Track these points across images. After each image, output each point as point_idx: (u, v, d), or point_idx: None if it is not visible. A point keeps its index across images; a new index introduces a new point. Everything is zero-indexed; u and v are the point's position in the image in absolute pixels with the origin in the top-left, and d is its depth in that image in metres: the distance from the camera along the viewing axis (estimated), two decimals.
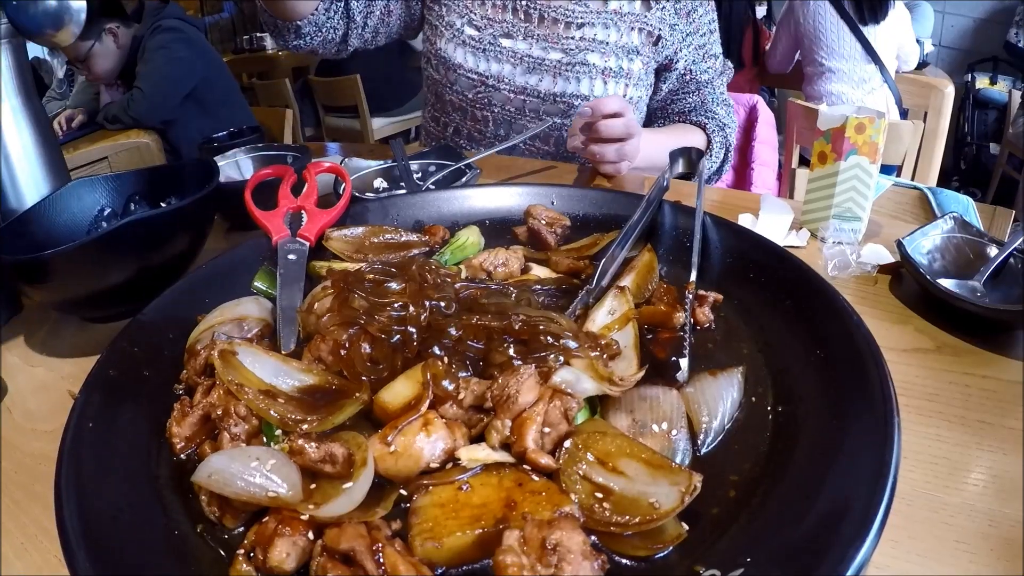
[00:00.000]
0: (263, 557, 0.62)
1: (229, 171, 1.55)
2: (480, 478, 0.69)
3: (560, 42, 1.82)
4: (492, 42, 1.84)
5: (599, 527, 0.65)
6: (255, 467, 0.67)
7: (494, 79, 1.87)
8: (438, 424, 0.72)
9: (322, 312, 0.89)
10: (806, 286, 0.92)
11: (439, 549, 0.62)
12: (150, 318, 0.94)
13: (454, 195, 1.29)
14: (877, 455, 0.64)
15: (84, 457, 0.71)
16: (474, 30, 1.85)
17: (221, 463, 0.68)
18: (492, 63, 1.86)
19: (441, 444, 0.71)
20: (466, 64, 1.87)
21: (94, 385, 0.81)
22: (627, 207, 1.17)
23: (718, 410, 0.78)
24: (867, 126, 1.24)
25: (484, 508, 0.65)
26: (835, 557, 0.55)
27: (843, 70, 3.97)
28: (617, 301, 0.94)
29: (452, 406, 0.75)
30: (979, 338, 1.02)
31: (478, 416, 0.76)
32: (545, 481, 0.69)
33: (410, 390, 0.76)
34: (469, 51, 1.86)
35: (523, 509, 0.64)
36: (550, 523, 0.60)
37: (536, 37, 1.83)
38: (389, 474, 0.70)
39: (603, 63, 1.83)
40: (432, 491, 0.68)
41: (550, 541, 0.58)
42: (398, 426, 0.71)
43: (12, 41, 1.32)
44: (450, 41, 1.87)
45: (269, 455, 0.69)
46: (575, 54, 1.82)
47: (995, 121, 5.80)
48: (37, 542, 0.77)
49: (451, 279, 0.96)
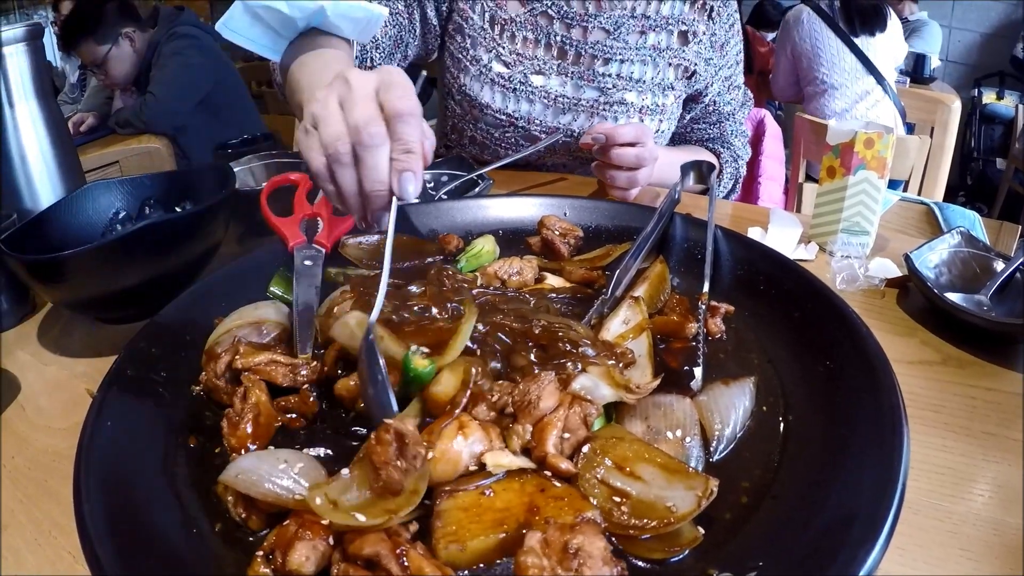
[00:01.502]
0: (282, 560, 0.62)
1: (243, 177, 1.55)
2: (502, 483, 0.70)
3: (596, 80, 1.72)
4: (523, 80, 1.71)
5: (617, 530, 0.66)
6: (283, 469, 0.68)
7: (524, 120, 1.75)
8: (474, 427, 0.72)
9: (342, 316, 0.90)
10: (816, 298, 0.94)
11: (463, 552, 0.63)
12: (168, 320, 0.95)
13: (468, 205, 1.30)
14: (885, 464, 0.65)
15: (103, 455, 0.72)
16: (503, 67, 1.71)
17: (250, 464, 0.69)
18: (523, 103, 1.74)
19: (479, 447, 0.72)
20: (494, 104, 1.74)
21: (112, 384, 0.81)
22: (639, 219, 1.19)
23: (730, 418, 0.80)
24: (876, 141, 1.25)
25: (507, 512, 0.66)
26: (844, 562, 0.57)
27: (844, 84, 3.95)
28: (631, 311, 0.95)
29: (484, 408, 0.75)
30: (984, 351, 1.03)
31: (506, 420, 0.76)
32: (566, 487, 0.70)
33: (457, 378, 0.77)
34: (498, 90, 1.73)
35: (545, 514, 0.65)
36: (572, 527, 0.61)
37: (570, 74, 1.72)
38: (430, 481, 0.70)
39: (640, 101, 1.75)
40: (455, 495, 0.68)
41: (572, 545, 0.59)
42: (435, 431, 0.72)
43: (31, 44, 1.34)
44: (476, 79, 1.74)
45: (297, 458, 0.70)
46: (612, 93, 1.73)
47: (1001, 136, 5.80)
48: (51, 538, 0.77)
49: (468, 285, 0.98)
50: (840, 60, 3.96)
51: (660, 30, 1.72)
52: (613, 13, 1.67)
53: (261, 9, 1.28)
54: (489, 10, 1.69)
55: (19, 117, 1.34)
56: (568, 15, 1.67)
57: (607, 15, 1.67)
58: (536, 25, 1.68)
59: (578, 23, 1.67)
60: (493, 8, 1.69)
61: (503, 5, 1.69)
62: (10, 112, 1.34)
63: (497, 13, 1.69)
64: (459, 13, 1.71)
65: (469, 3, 1.69)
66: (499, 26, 1.69)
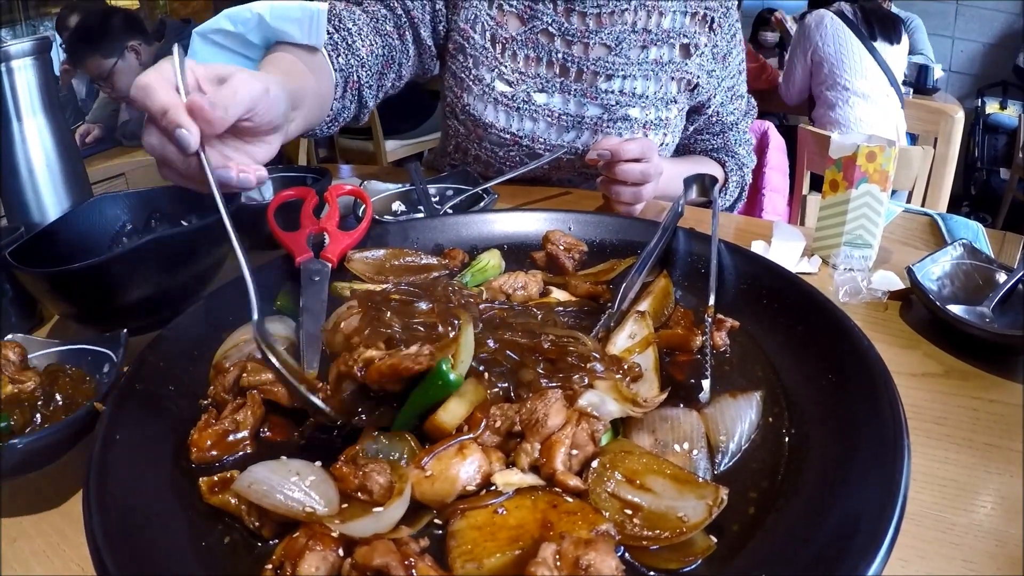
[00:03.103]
0: (292, 571, 0.63)
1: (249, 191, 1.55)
2: (514, 501, 0.70)
3: (599, 96, 1.71)
4: (526, 99, 1.71)
5: (631, 542, 0.67)
6: (295, 482, 0.69)
7: (528, 138, 1.74)
8: (473, 448, 0.73)
9: (349, 331, 0.91)
10: (818, 312, 0.95)
11: (479, 570, 0.63)
12: (175, 333, 0.95)
13: (473, 219, 1.30)
14: (888, 476, 0.66)
15: (112, 468, 0.72)
16: (506, 85, 1.71)
17: (263, 474, 0.70)
18: (526, 121, 1.73)
19: (477, 467, 0.72)
20: (498, 123, 1.74)
21: (121, 397, 0.81)
22: (643, 233, 1.19)
23: (736, 431, 0.80)
24: (878, 154, 1.26)
25: (521, 529, 0.67)
26: (847, 573, 0.57)
27: (869, 93, 3.92)
28: (637, 325, 0.96)
29: (487, 433, 0.76)
30: (987, 363, 1.04)
31: (514, 441, 0.77)
32: (578, 501, 0.70)
33: (464, 409, 0.77)
34: (502, 109, 1.72)
35: (559, 528, 0.65)
36: (587, 542, 0.61)
37: (573, 92, 1.71)
38: (426, 499, 0.71)
39: (643, 116, 1.74)
40: (467, 515, 0.69)
41: (584, 561, 0.59)
42: (433, 451, 0.73)
43: (39, 57, 1.35)
44: (479, 98, 1.73)
45: (309, 471, 0.71)
46: (615, 109, 1.72)
47: (1005, 146, 5.79)
48: (59, 550, 0.78)
49: (474, 300, 0.98)
50: (863, 67, 3.94)
51: (662, 44, 1.72)
52: (614, 29, 1.68)
53: (213, 35, 1.31)
54: (490, 29, 1.69)
55: (27, 130, 1.35)
56: (569, 32, 1.67)
57: (608, 31, 1.67)
58: (537, 43, 1.68)
59: (579, 40, 1.67)
60: (493, 27, 1.69)
61: (503, 24, 1.69)
62: (18, 126, 1.35)
63: (498, 32, 1.69)
64: (459, 33, 1.71)
65: (469, 23, 1.69)
66: (500, 45, 1.69)
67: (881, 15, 3.98)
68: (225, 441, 0.82)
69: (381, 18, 1.63)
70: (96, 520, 0.65)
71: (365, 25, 1.58)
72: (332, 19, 1.55)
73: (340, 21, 1.55)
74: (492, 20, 1.68)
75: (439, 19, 1.72)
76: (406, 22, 1.67)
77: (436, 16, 1.71)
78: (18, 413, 0.90)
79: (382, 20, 1.63)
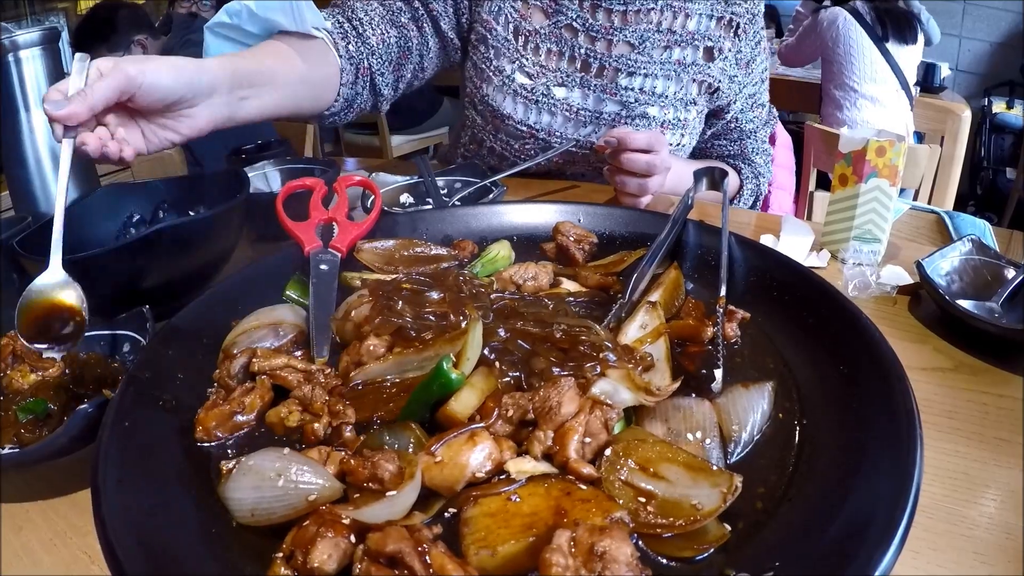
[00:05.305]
0: (303, 559, 0.62)
1: (257, 182, 1.55)
2: (528, 488, 0.70)
3: (619, 93, 1.70)
4: (545, 92, 1.70)
5: (644, 530, 0.67)
6: (282, 485, 0.68)
7: (544, 131, 1.74)
8: (484, 435, 0.73)
9: (360, 319, 0.91)
10: (829, 305, 0.95)
11: (493, 557, 0.63)
12: (184, 322, 0.95)
13: (482, 211, 1.30)
14: (900, 469, 0.66)
15: (121, 456, 0.72)
16: (526, 78, 1.71)
17: (252, 497, 0.69)
18: (544, 115, 1.73)
19: (487, 454, 0.72)
20: (516, 115, 1.73)
21: (130, 385, 0.81)
22: (653, 225, 1.19)
23: (748, 421, 0.80)
24: (887, 149, 1.25)
25: (535, 516, 0.66)
26: (859, 565, 0.57)
27: (878, 96, 3.90)
28: (649, 316, 0.96)
29: (499, 422, 0.76)
30: (996, 358, 1.04)
31: (526, 430, 0.77)
32: (592, 489, 0.70)
33: (476, 399, 0.77)
34: (520, 101, 1.72)
35: (573, 516, 0.65)
36: (602, 529, 0.61)
37: (592, 87, 1.71)
38: (435, 484, 0.71)
39: (662, 116, 1.73)
40: (480, 502, 0.68)
41: (598, 547, 0.59)
42: (443, 439, 0.73)
43: (47, 48, 1.35)
44: (499, 89, 1.73)
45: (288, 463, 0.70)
46: (633, 107, 1.71)
47: (1012, 146, 5.77)
48: (67, 539, 0.78)
49: (485, 290, 0.98)
50: (873, 70, 3.91)
51: (685, 45, 1.72)
52: (639, 27, 1.67)
53: (219, 28, 1.38)
54: (513, 21, 1.69)
55: (35, 121, 1.36)
56: (593, 28, 1.67)
57: (632, 28, 1.67)
58: (560, 37, 1.68)
59: (603, 36, 1.67)
60: (517, 20, 1.69)
61: (528, 17, 1.69)
62: (25, 116, 1.35)
63: (521, 24, 1.69)
64: (482, 24, 1.71)
65: (492, 15, 1.69)
66: (523, 37, 1.69)
67: (896, 15, 3.92)
68: (231, 421, 0.83)
69: (396, 10, 1.64)
70: (105, 508, 0.65)
71: (378, 15, 1.59)
72: (344, 9, 1.57)
73: (352, 12, 1.57)
74: (516, 13, 1.68)
75: (462, 11, 1.72)
76: (423, 15, 1.67)
77: (459, 9, 1.72)
78: (53, 396, 0.92)
79: (397, 12, 1.64)
